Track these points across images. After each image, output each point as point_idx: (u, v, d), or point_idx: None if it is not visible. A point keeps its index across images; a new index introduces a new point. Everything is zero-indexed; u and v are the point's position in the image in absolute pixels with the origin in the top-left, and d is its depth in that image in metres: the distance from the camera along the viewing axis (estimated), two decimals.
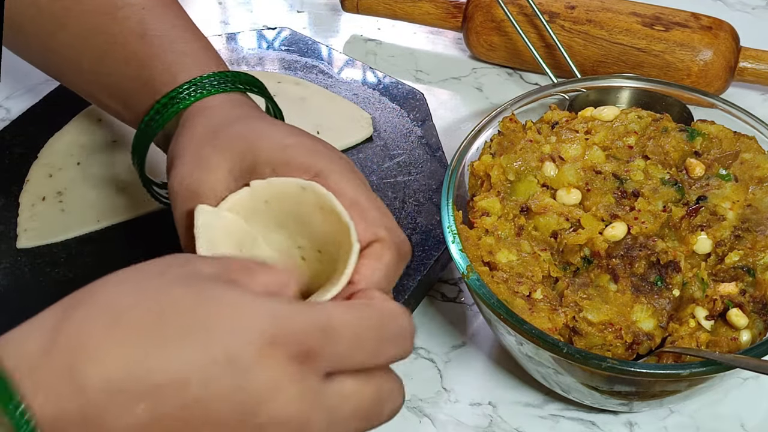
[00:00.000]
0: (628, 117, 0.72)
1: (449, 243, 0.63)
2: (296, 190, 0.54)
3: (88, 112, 0.82)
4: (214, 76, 0.61)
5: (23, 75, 0.90)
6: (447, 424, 0.67)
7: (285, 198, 0.54)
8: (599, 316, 0.62)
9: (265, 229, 0.55)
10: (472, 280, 0.62)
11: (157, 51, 0.63)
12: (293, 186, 0.54)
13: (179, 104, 0.60)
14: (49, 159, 0.78)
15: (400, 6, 0.93)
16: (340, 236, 0.53)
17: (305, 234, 0.55)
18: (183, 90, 0.60)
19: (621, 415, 0.68)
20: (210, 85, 0.61)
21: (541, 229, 0.66)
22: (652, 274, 0.64)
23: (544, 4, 0.88)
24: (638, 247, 0.64)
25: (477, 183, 0.70)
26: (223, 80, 0.61)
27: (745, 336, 0.62)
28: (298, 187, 0.54)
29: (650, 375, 0.58)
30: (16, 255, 0.72)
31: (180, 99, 0.60)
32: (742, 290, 0.63)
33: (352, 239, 0.51)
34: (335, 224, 0.53)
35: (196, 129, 0.58)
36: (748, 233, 0.65)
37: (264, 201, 0.55)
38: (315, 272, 0.56)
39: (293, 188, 0.54)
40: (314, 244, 0.55)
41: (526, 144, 0.70)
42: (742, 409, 0.68)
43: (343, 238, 0.52)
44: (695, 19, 0.87)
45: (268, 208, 0.55)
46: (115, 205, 0.75)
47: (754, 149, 0.70)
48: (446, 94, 0.91)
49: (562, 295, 0.64)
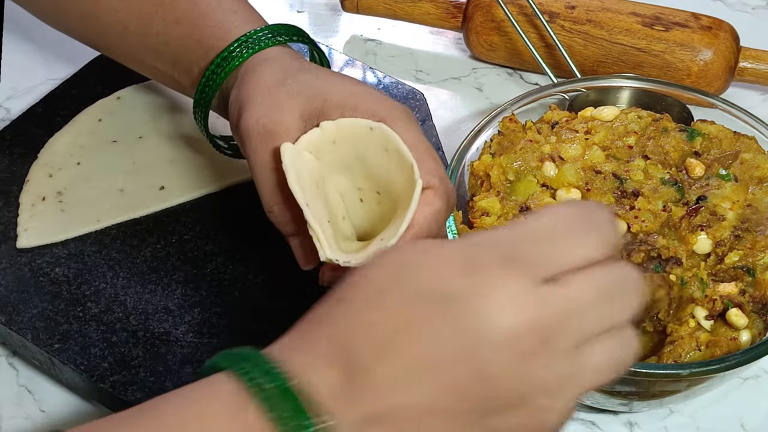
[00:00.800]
0: (628, 117, 0.72)
1: None
2: (364, 130, 0.58)
3: (88, 112, 0.82)
4: (267, 30, 0.64)
5: (23, 75, 0.90)
6: None
7: (352, 138, 0.58)
8: None
9: (330, 171, 0.59)
10: None
11: (206, 10, 0.66)
12: (362, 126, 0.58)
13: (239, 58, 0.63)
14: (49, 159, 0.78)
15: (400, 6, 0.93)
16: (400, 177, 0.56)
17: (367, 175, 0.59)
18: (240, 44, 0.63)
19: (621, 415, 0.68)
20: (265, 38, 0.63)
21: None
22: (652, 264, 0.64)
23: (544, 4, 0.88)
24: (638, 242, 0.64)
25: (477, 183, 0.70)
26: (275, 33, 0.64)
27: (745, 336, 0.62)
28: (367, 127, 0.57)
29: (649, 375, 0.58)
30: (16, 255, 0.72)
31: (239, 52, 0.63)
32: (742, 290, 0.63)
33: (416, 176, 0.55)
34: (397, 165, 0.57)
35: (264, 76, 0.61)
36: (747, 233, 0.65)
37: (332, 141, 0.58)
38: (373, 214, 0.60)
39: (361, 129, 0.58)
40: (374, 186, 0.59)
41: (526, 144, 0.70)
42: (742, 409, 0.68)
43: (403, 180, 0.56)
44: (695, 19, 0.87)
45: (334, 149, 0.58)
46: (115, 205, 0.75)
47: (754, 149, 0.70)
48: (446, 94, 0.91)
49: None
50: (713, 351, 0.61)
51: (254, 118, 0.59)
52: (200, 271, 0.71)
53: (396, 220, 0.56)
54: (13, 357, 0.70)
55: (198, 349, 0.66)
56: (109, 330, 0.67)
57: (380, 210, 0.60)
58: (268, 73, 0.61)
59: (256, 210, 0.75)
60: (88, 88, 0.84)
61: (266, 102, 0.59)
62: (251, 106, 0.60)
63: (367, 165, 0.59)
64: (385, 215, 0.59)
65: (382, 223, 0.58)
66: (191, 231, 0.74)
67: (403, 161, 0.56)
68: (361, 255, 0.55)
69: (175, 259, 0.72)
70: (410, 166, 0.56)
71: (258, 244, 0.73)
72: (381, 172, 0.58)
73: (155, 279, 0.71)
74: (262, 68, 0.62)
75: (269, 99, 0.59)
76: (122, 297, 0.69)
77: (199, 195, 0.76)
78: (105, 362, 0.65)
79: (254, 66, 0.62)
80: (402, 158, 0.56)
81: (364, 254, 0.55)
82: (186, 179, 0.77)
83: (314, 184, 0.58)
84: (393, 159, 0.57)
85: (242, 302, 0.69)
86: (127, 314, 0.68)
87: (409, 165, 0.56)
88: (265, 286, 0.70)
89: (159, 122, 0.81)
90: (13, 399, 0.68)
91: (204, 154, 0.79)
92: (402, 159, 0.56)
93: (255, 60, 0.63)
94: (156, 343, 0.67)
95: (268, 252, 0.72)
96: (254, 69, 0.62)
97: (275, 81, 0.60)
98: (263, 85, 0.60)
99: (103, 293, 0.70)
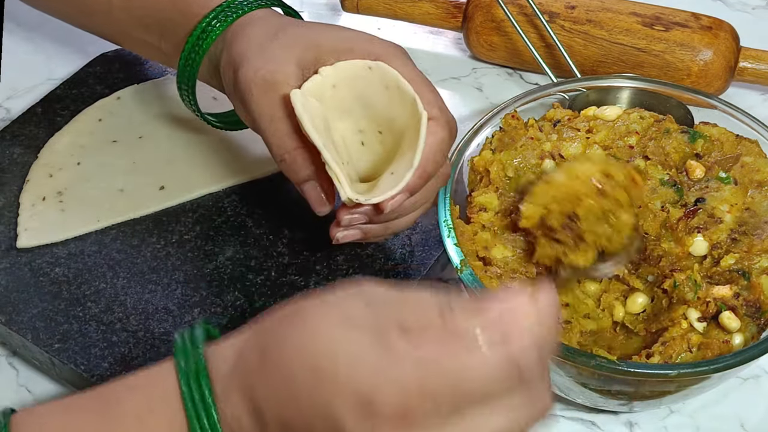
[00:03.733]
0: (631, 117, 0.72)
1: (444, 237, 0.64)
2: (363, 70, 0.59)
3: (88, 112, 0.82)
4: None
5: (23, 75, 0.90)
6: None
7: (352, 80, 0.60)
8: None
9: (332, 116, 0.60)
10: (465, 274, 0.62)
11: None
12: (361, 67, 0.59)
13: (224, 22, 0.64)
14: (49, 159, 0.78)
15: (400, 6, 0.93)
16: (402, 113, 0.58)
17: (368, 116, 0.60)
18: (223, 9, 0.64)
19: (621, 415, 0.68)
20: (248, 3, 0.65)
21: None
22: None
23: (544, 4, 0.88)
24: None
25: (476, 179, 0.70)
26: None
27: (738, 339, 0.62)
28: (365, 67, 0.59)
29: (639, 375, 0.58)
30: (16, 255, 0.72)
31: (223, 17, 0.64)
32: (736, 293, 0.63)
33: (419, 109, 0.57)
34: (398, 101, 0.58)
35: (253, 34, 0.62)
36: (744, 236, 0.65)
37: (332, 85, 0.60)
38: (375, 155, 0.62)
39: (360, 69, 0.59)
40: (375, 125, 0.61)
41: (527, 141, 0.70)
42: (741, 409, 0.68)
43: (405, 115, 0.58)
44: (695, 19, 0.87)
45: (335, 93, 0.60)
46: (115, 205, 0.75)
47: (755, 153, 0.70)
48: (446, 94, 0.91)
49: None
50: (705, 353, 0.61)
51: (252, 71, 0.60)
52: (200, 271, 0.71)
53: (404, 154, 0.58)
54: (13, 357, 0.70)
55: None
56: (109, 330, 0.67)
57: (383, 150, 0.61)
58: (258, 30, 0.62)
59: (256, 210, 0.75)
60: (88, 88, 0.84)
61: (261, 55, 0.60)
62: (246, 61, 0.61)
63: (367, 105, 0.60)
64: (388, 155, 0.60)
65: (385, 164, 0.60)
66: (191, 231, 0.74)
67: (404, 96, 0.58)
68: (376, 192, 0.57)
69: (175, 259, 0.72)
70: (412, 99, 0.57)
71: (258, 244, 0.73)
72: (382, 110, 0.60)
73: (155, 279, 0.71)
74: (250, 28, 0.63)
75: (264, 53, 0.60)
76: (122, 297, 0.69)
77: (199, 195, 0.76)
78: (105, 362, 0.65)
79: (241, 27, 0.63)
80: (403, 93, 0.58)
81: (380, 192, 0.57)
82: (186, 179, 0.77)
83: (323, 129, 0.59)
84: (394, 95, 0.59)
85: (242, 302, 0.69)
86: (127, 314, 0.68)
87: (411, 99, 0.57)
88: (265, 286, 0.70)
89: (159, 122, 0.81)
90: (13, 399, 0.68)
91: (204, 154, 0.79)
92: (403, 94, 0.58)
93: (241, 22, 0.64)
94: (156, 343, 0.67)
95: (269, 252, 0.72)
96: (242, 30, 0.63)
97: (266, 37, 0.62)
98: (255, 42, 0.61)
99: (103, 293, 0.70)
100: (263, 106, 0.60)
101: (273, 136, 0.60)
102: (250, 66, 0.60)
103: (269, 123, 0.60)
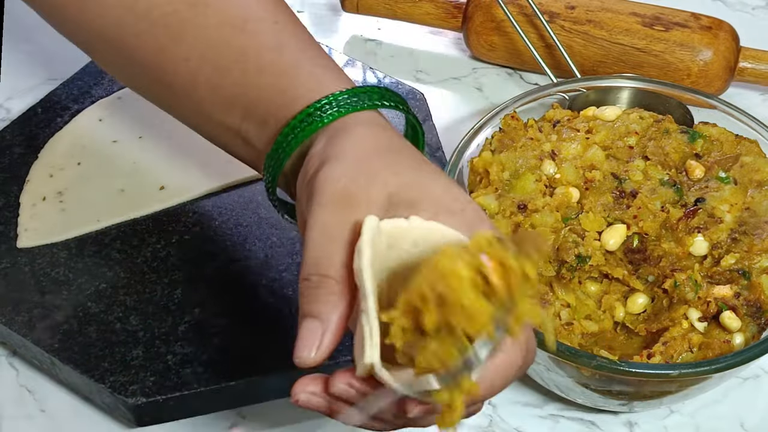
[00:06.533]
0: (630, 117, 0.72)
1: None
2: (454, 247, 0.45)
3: (88, 112, 0.82)
4: (373, 91, 0.56)
5: (23, 75, 0.90)
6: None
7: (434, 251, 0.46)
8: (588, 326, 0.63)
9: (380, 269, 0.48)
10: None
11: (297, 63, 0.58)
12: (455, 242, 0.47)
13: (334, 112, 0.54)
14: (49, 159, 0.78)
15: (400, 6, 0.93)
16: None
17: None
18: (336, 97, 0.55)
19: (621, 415, 0.68)
20: (369, 98, 0.55)
21: (538, 227, 0.66)
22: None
23: (544, 4, 0.88)
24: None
25: (476, 179, 0.70)
26: (380, 96, 0.56)
27: (738, 339, 0.62)
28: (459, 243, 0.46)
29: (640, 375, 0.58)
30: (16, 255, 0.72)
31: (335, 106, 0.55)
32: (737, 293, 0.63)
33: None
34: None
35: (362, 138, 0.53)
36: (745, 236, 0.65)
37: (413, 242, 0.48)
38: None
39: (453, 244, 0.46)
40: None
41: (527, 142, 0.70)
42: (741, 409, 0.68)
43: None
44: (695, 19, 0.87)
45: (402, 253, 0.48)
46: (115, 205, 0.75)
47: (755, 153, 0.70)
48: (446, 94, 0.91)
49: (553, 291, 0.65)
50: (705, 353, 0.61)
51: (337, 174, 0.50)
52: (200, 271, 0.71)
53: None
54: (13, 357, 0.70)
55: (198, 349, 0.66)
56: (109, 330, 0.67)
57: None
58: (368, 136, 0.53)
59: (256, 210, 0.75)
60: (89, 88, 0.84)
61: (356, 165, 0.51)
62: (338, 162, 0.51)
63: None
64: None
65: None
66: (191, 231, 0.74)
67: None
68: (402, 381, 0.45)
69: (175, 259, 0.72)
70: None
71: (258, 244, 0.73)
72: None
73: (155, 279, 0.71)
74: (361, 130, 0.54)
75: (361, 163, 0.51)
76: (123, 297, 0.69)
77: (199, 195, 0.76)
78: (105, 362, 0.65)
79: (350, 126, 0.54)
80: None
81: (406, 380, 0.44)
82: (186, 179, 0.77)
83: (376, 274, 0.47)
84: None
85: (242, 302, 0.69)
86: (127, 314, 0.68)
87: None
88: (265, 286, 0.70)
89: (159, 122, 0.81)
90: (13, 399, 0.68)
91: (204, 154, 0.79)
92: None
93: (350, 120, 0.54)
94: (156, 343, 0.67)
95: (269, 252, 0.72)
96: (351, 129, 0.54)
97: (374, 148, 0.52)
98: (360, 148, 0.52)
99: (104, 293, 0.70)
100: (325, 215, 0.50)
101: (315, 249, 0.49)
102: (338, 169, 0.51)
103: (320, 234, 0.49)
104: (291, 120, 0.55)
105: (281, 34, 0.59)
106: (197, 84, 0.60)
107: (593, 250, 0.65)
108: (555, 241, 0.65)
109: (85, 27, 0.61)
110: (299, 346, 0.48)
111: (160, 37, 0.60)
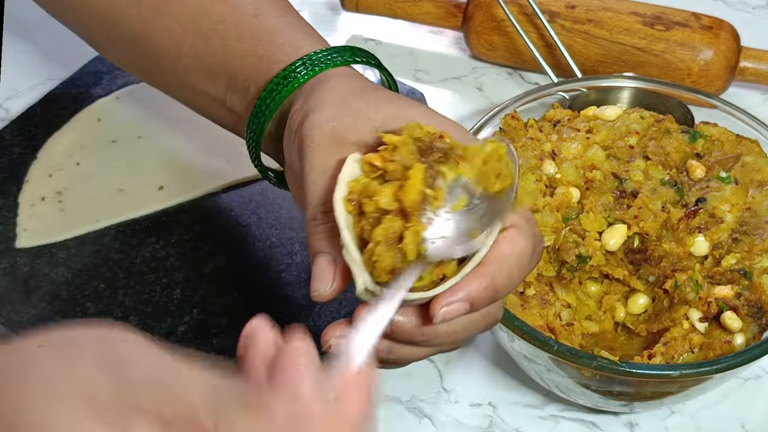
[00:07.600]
0: (631, 117, 0.72)
1: None
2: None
3: (88, 112, 0.82)
4: (339, 49, 0.58)
5: (23, 75, 0.90)
6: (447, 425, 0.67)
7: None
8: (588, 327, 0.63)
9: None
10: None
11: (275, 28, 0.60)
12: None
13: (308, 72, 0.57)
14: (48, 159, 0.78)
15: (400, 5, 0.93)
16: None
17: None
18: (309, 58, 0.57)
19: (621, 416, 0.67)
20: (339, 56, 0.58)
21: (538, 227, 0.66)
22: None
23: (544, 3, 0.88)
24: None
25: None
26: (349, 53, 0.59)
27: (739, 339, 0.62)
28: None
29: (640, 375, 0.58)
30: (16, 255, 0.72)
31: (310, 66, 0.57)
32: (738, 293, 0.63)
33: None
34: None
35: (338, 87, 0.55)
36: (746, 236, 0.65)
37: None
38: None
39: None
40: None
41: (527, 142, 0.70)
42: (742, 409, 0.68)
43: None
44: (696, 18, 0.87)
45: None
46: (114, 205, 0.75)
47: (756, 152, 0.70)
48: (446, 93, 0.91)
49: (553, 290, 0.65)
50: (706, 353, 0.61)
51: (325, 119, 0.53)
52: (200, 271, 0.71)
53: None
54: None
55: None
56: None
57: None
58: (343, 84, 0.55)
59: (256, 210, 0.75)
60: (88, 88, 0.84)
61: (341, 108, 0.53)
62: (321, 109, 0.53)
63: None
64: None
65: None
66: (191, 231, 0.74)
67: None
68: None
69: (175, 259, 0.72)
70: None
71: (257, 244, 0.73)
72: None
73: (155, 279, 0.71)
74: (335, 81, 0.56)
75: (343, 106, 0.53)
76: (122, 297, 0.69)
77: (198, 195, 0.76)
78: None
79: (326, 78, 0.56)
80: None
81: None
82: (186, 179, 0.77)
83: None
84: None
85: (242, 302, 0.69)
86: (127, 314, 0.68)
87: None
88: (265, 286, 0.70)
89: (158, 122, 0.81)
90: None
91: (204, 154, 0.79)
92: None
93: (323, 76, 0.57)
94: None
95: (268, 252, 0.72)
96: (327, 80, 0.56)
97: (351, 91, 0.55)
98: (338, 94, 0.54)
99: (103, 293, 0.70)
100: (318, 157, 0.52)
101: (316, 190, 0.51)
102: (324, 114, 0.53)
103: (318, 176, 0.51)
104: (268, 84, 0.58)
105: (259, 2, 0.62)
106: (181, 54, 0.63)
107: (594, 251, 0.65)
108: (555, 241, 0.65)
109: (78, 5, 0.65)
110: (314, 282, 0.50)
111: (146, 9, 0.63)
